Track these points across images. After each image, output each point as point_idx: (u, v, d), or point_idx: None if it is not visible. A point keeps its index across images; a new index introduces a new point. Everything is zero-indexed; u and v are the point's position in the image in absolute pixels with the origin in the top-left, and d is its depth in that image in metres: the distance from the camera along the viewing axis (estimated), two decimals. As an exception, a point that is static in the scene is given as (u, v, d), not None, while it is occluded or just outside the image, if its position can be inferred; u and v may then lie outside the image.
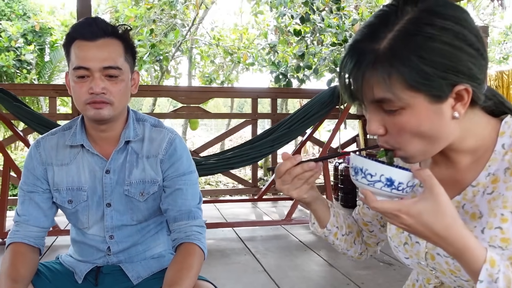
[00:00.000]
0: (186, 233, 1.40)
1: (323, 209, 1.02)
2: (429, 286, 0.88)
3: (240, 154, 3.40)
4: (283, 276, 2.25)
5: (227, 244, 2.90)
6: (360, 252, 1.11)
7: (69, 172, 1.44)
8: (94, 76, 1.30)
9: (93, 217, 1.45)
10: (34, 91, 3.92)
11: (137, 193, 1.43)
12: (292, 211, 3.24)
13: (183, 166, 1.46)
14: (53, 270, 1.51)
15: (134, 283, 1.46)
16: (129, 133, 1.44)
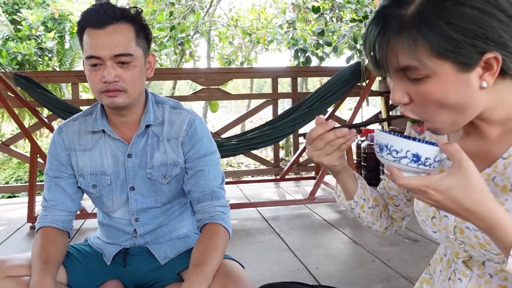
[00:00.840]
0: (210, 213, 1.41)
1: (351, 180, 1.01)
2: (458, 260, 0.87)
3: (262, 135, 3.39)
4: (308, 254, 2.26)
5: (251, 224, 2.92)
6: (385, 226, 1.09)
7: (92, 157, 1.45)
8: (106, 64, 1.29)
9: (118, 200, 1.47)
10: (56, 77, 3.97)
11: (160, 176, 1.44)
12: (315, 190, 3.23)
13: (204, 147, 1.46)
14: (83, 252, 1.54)
15: (162, 263, 1.48)
16: (149, 117, 1.44)
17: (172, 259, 1.49)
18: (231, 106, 19.83)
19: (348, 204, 1.04)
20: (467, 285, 0.84)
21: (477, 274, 0.83)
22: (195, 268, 1.28)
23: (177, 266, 1.47)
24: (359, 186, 1.02)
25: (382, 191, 1.10)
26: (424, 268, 1.04)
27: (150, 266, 1.50)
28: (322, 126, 0.86)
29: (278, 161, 4.62)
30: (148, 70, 1.43)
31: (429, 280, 0.98)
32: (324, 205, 3.38)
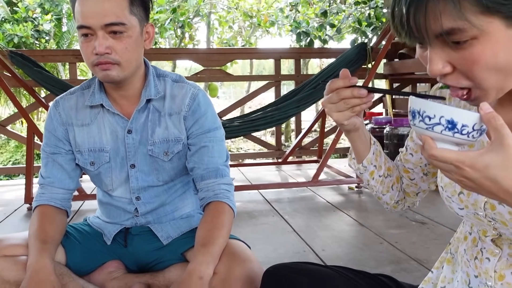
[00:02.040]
0: (214, 191, 1.35)
1: (363, 143, 0.95)
2: (486, 238, 0.80)
3: (265, 116, 3.32)
4: (313, 236, 2.21)
5: (254, 206, 2.86)
6: (396, 200, 1.03)
7: (90, 133, 1.39)
8: (97, 34, 1.21)
9: (117, 179, 1.41)
10: (54, 57, 3.88)
11: (161, 153, 1.38)
12: (319, 173, 3.17)
13: (207, 122, 1.39)
14: (82, 231, 1.49)
15: (164, 243, 1.43)
16: (150, 91, 1.37)
17: (175, 239, 1.44)
18: (230, 92, 19.77)
19: (357, 168, 0.99)
20: (496, 265, 0.78)
21: (507, 253, 0.77)
22: (201, 248, 1.23)
23: (181, 246, 1.42)
24: (372, 151, 0.96)
25: (398, 163, 1.04)
26: (433, 250, 0.99)
27: (152, 246, 1.45)
28: (343, 80, 0.81)
29: (280, 144, 4.56)
30: (146, 41, 1.35)
31: (450, 259, 0.92)
32: (328, 188, 3.32)
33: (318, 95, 3.38)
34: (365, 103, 0.83)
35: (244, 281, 1.25)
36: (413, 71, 3.94)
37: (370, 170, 0.98)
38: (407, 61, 4.01)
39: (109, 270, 1.43)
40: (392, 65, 4.31)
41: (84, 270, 1.41)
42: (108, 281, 1.39)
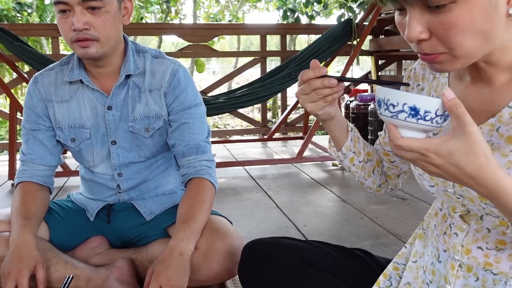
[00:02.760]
0: (195, 168, 1.37)
1: (340, 131, 0.97)
2: (455, 214, 0.83)
3: (250, 93, 3.32)
4: (296, 212, 2.24)
5: (238, 182, 2.89)
6: (379, 184, 1.06)
7: (70, 109, 1.39)
8: (75, 10, 1.20)
9: (98, 155, 1.42)
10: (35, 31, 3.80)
11: (142, 129, 1.39)
12: (303, 150, 3.20)
13: (188, 98, 1.40)
14: (65, 208, 1.49)
15: (147, 219, 1.44)
16: (129, 66, 1.37)
17: (158, 215, 1.46)
18: (217, 68, 19.55)
19: (337, 156, 1.01)
20: (463, 240, 0.81)
21: (474, 229, 0.80)
22: (182, 225, 1.26)
23: (163, 222, 1.43)
24: (350, 138, 0.97)
25: (378, 147, 1.06)
26: (412, 225, 1.02)
27: (135, 222, 1.46)
28: (313, 70, 0.83)
29: (265, 121, 4.57)
30: (125, 17, 1.34)
31: (422, 235, 0.95)
32: (312, 164, 3.36)
33: (304, 72, 3.37)
34: (336, 93, 0.84)
35: (225, 255, 1.28)
36: (399, 48, 3.95)
37: (349, 157, 0.99)
38: (393, 38, 4.01)
39: (93, 245, 1.45)
40: (378, 42, 4.30)
41: (68, 245, 1.43)
42: (91, 257, 1.41)
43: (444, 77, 0.86)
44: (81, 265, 1.34)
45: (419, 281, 0.90)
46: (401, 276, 0.97)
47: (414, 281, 0.92)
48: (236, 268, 1.29)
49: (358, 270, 1.04)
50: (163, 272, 1.15)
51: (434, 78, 0.89)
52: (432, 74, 0.90)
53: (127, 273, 1.32)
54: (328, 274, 1.00)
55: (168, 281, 1.14)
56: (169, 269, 1.16)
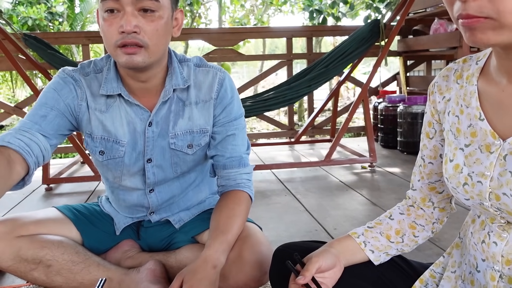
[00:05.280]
0: (236, 180, 1.32)
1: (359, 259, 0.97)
2: (493, 225, 0.80)
3: (277, 95, 3.30)
4: (325, 216, 2.22)
5: (266, 185, 2.88)
6: (432, 231, 1.00)
7: (103, 121, 1.28)
8: (126, 10, 1.08)
9: (129, 172, 1.33)
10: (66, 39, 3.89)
11: (184, 146, 1.30)
12: (331, 152, 3.17)
13: (234, 109, 1.31)
14: (95, 213, 1.47)
15: (177, 227, 1.42)
16: (176, 79, 1.26)
17: (187, 223, 1.45)
18: (242, 72, 19.62)
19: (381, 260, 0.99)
20: (503, 249, 0.77)
21: None
22: (220, 235, 1.22)
23: (191, 230, 1.41)
24: (368, 252, 0.96)
25: (418, 185, 0.99)
26: (446, 229, 0.98)
27: (166, 233, 1.45)
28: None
29: (292, 124, 4.55)
30: (175, 28, 1.21)
31: (459, 243, 0.92)
32: (340, 167, 3.32)
33: (330, 74, 3.34)
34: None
35: (253, 265, 1.24)
36: (428, 47, 3.87)
37: (389, 257, 0.98)
38: (422, 38, 3.94)
39: (124, 249, 1.45)
40: (406, 42, 4.23)
41: (100, 249, 1.43)
42: (123, 260, 1.41)
43: (472, 85, 0.82)
44: (113, 267, 1.34)
45: None
46: (437, 284, 0.94)
47: None
48: (264, 277, 1.28)
49: (392, 274, 1.02)
50: (195, 285, 1.11)
51: (461, 87, 0.85)
52: (457, 83, 0.86)
53: (159, 274, 1.32)
54: (361, 280, 0.98)
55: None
56: (201, 281, 1.12)
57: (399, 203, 1.03)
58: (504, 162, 0.74)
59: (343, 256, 0.95)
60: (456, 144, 0.83)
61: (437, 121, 0.92)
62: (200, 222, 1.41)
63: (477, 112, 0.79)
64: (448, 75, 0.89)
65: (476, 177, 0.78)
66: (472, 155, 0.80)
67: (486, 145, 0.77)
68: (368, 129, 3.26)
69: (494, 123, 0.77)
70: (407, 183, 2.75)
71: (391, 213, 1.01)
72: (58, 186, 2.99)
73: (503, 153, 0.75)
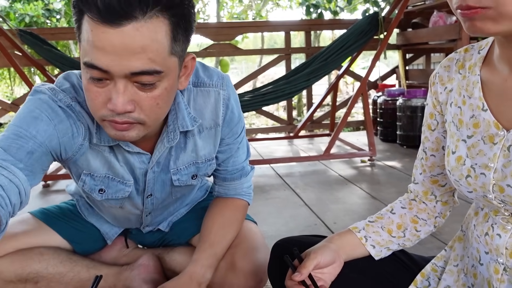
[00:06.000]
0: (236, 190, 1.27)
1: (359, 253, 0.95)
2: (497, 218, 0.78)
3: (275, 90, 3.29)
4: (325, 210, 2.20)
5: (265, 180, 2.86)
6: (434, 225, 0.98)
7: (108, 160, 1.07)
8: (116, 82, 0.81)
9: (126, 206, 1.22)
10: (63, 34, 3.86)
11: (189, 179, 1.19)
12: (331, 146, 3.15)
13: (239, 126, 1.18)
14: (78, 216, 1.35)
15: (166, 231, 1.37)
16: (183, 120, 1.04)
17: (177, 223, 1.39)
18: (241, 67, 19.58)
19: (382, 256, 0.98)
20: (507, 242, 0.75)
21: None
22: (208, 249, 1.17)
23: (184, 232, 1.36)
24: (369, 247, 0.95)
25: (420, 178, 0.96)
26: (447, 222, 0.97)
27: (156, 236, 1.40)
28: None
29: (291, 119, 4.53)
30: (182, 78, 0.94)
31: (462, 237, 0.90)
32: (340, 161, 3.30)
33: (329, 68, 3.33)
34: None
35: (247, 274, 1.18)
36: (427, 40, 3.85)
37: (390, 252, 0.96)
38: (421, 31, 3.91)
39: (119, 246, 1.40)
40: (405, 35, 4.21)
41: (92, 250, 1.36)
42: (119, 258, 1.37)
43: (474, 75, 0.80)
44: (105, 267, 1.29)
45: (460, 284, 0.86)
46: (439, 278, 0.92)
47: (454, 284, 0.87)
48: (261, 285, 1.24)
49: (393, 268, 1.00)
50: None
51: (463, 77, 0.83)
52: (459, 73, 0.84)
53: (153, 270, 1.28)
54: (362, 274, 0.96)
55: None
56: None
57: (401, 197, 1.01)
58: (508, 153, 0.72)
59: (343, 251, 0.93)
60: (458, 136, 0.81)
61: (439, 113, 0.90)
62: (190, 224, 1.36)
63: (480, 103, 0.77)
64: (449, 65, 0.87)
65: (479, 169, 0.76)
66: (475, 147, 0.78)
67: (489, 136, 0.75)
68: (368, 122, 3.24)
69: (498, 114, 0.75)
70: (407, 177, 2.73)
71: (393, 207, 0.99)
72: (55, 183, 2.97)
73: (507, 144, 0.73)
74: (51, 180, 2.95)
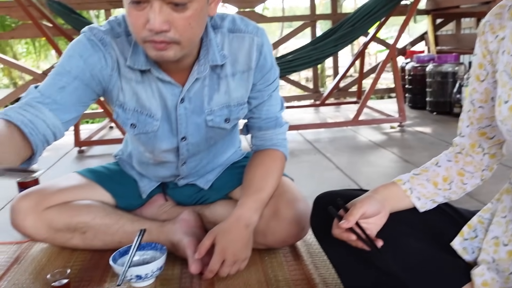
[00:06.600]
0: (271, 141, 1.30)
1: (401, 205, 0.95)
2: None
3: (302, 56, 3.24)
4: (357, 173, 2.20)
5: (294, 145, 2.86)
6: (481, 178, 0.96)
7: (137, 93, 1.16)
8: (153, 4, 0.92)
9: (162, 147, 1.26)
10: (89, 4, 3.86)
11: (222, 121, 1.24)
12: (360, 112, 3.11)
13: (272, 74, 1.24)
14: (120, 173, 1.44)
15: (205, 188, 1.42)
16: (213, 55, 1.13)
17: (216, 180, 1.43)
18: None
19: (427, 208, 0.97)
20: None
21: None
22: (253, 195, 1.22)
23: (223, 188, 1.41)
24: (414, 199, 0.95)
25: (467, 131, 0.95)
26: (484, 183, 0.95)
27: (193, 191, 1.44)
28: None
29: (317, 87, 4.48)
30: (212, 5, 1.05)
31: (510, 189, 0.89)
32: (368, 127, 3.27)
33: (356, 34, 3.26)
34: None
35: (291, 221, 1.24)
36: (458, 4, 3.73)
37: (436, 204, 0.96)
38: (452, -6, 3.79)
39: (159, 203, 1.45)
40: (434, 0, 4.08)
41: (134, 205, 1.42)
42: (159, 215, 1.42)
43: None
44: (148, 221, 1.35)
45: (509, 235, 0.85)
46: (486, 229, 0.91)
47: (503, 234, 0.86)
48: (302, 233, 1.28)
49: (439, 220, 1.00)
50: (228, 246, 1.13)
51: None
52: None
53: (194, 224, 1.33)
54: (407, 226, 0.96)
55: (233, 256, 1.13)
56: (234, 242, 1.14)
57: (445, 151, 1.00)
58: None
59: (388, 203, 0.93)
60: (511, 85, 0.79)
61: (489, 62, 0.88)
62: (230, 178, 1.40)
63: None
64: (501, 12, 0.85)
65: None
66: None
67: None
68: (397, 87, 3.19)
69: None
70: (440, 142, 2.70)
71: (438, 160, 0.99)
72: (89, 149, 3.03)
73: None
74: (85, 146, 3.01)
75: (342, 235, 0.89)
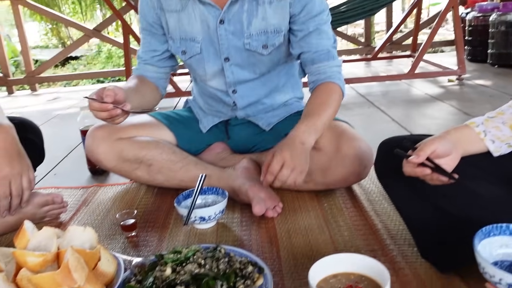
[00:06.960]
0: (326, 73, 1.29)
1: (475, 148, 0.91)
2: None
3: (356, 7, 3.12)
4: (415, 125, 2.13)
5: (347, 99, 2.79)
6: None
7: (181, 21, 1.33)
8: None
9: (210, 70, 1.38)
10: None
11: (259, 46, 1.30)
12: (416, 64, 2.97)
13: (316, 6, 1.26)
14: (186, 117, 1.53)
15: (267, 130, 1.43)
16: None
17: (276, 125, 1.44)
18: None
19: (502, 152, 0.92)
20: None
21: None
22: (305, 119, 1.21)
23: (283, 129, 1.41)
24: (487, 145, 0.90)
25: None
26: None
27: (254, 131, 1.46)
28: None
29: (369, 40, 4.33)
30: None
31: None
32: (423, 81, 3.15)
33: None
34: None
35: (352, 159, 1.24)
36: None
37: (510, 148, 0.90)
38: None
39: (216, 151, 1.49)
40: None
41: (193, 151, 1.47)
42: (217, 162, 1.45)
43: None
44: (210, 166, 1.39)
45: None
46: None
47: None
48: (364, 172, 1.26)
49: (512, 165, 0.95)
50: (287, 153, 1.12)
51: None
52: None
53: (253, 171, 1.35)
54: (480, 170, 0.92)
55: (292, 161, 1.11)
56: (293, 151, 1.13)
57: None
58: None
59: (460, 146, 0.89)
60: None
61: None
62: (291, 123, 1.40)
63: None
64: None
65: None
66: None
67: None
68: (458, 37, 3.01)
69: None
70: (502, 95, 2.56)
71: None
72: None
73: None
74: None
75: (415, 171, 0.86)
